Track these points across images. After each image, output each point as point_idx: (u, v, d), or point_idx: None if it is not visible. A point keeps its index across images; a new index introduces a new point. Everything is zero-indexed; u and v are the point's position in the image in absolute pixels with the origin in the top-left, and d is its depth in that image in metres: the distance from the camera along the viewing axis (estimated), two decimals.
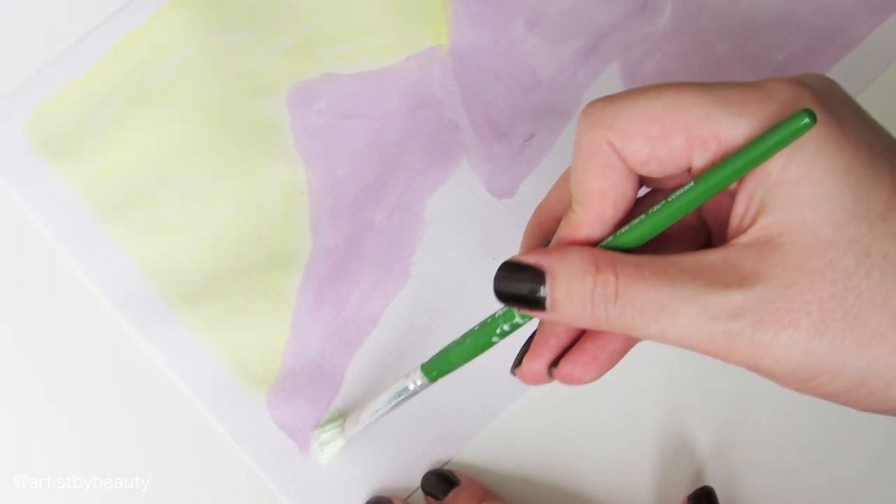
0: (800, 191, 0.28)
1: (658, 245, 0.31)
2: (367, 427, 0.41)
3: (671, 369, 0.45)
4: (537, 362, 0.33)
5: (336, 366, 0.44)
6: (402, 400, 0.39)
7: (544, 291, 0.31)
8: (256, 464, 0.43)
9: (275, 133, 0.47)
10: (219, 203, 0.46)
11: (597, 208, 0.31)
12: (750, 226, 0.29)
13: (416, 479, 0.43)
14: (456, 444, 0.44)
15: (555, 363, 0.33)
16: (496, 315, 0.34)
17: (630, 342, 0.33)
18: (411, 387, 0.38)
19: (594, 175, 0.30)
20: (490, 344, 0.34)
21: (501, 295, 0.32)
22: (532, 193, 0.47)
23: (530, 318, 0.33)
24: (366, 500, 0.43)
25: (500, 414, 0.44)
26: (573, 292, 0.30)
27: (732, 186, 0.30)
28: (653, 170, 0.30)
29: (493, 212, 0.46)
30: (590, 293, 0.30)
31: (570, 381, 0.33)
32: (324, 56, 0.48)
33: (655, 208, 0.30)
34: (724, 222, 0.31)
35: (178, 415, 0.44)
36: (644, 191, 0.33)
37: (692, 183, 0.29)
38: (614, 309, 0.30)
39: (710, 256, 0.29)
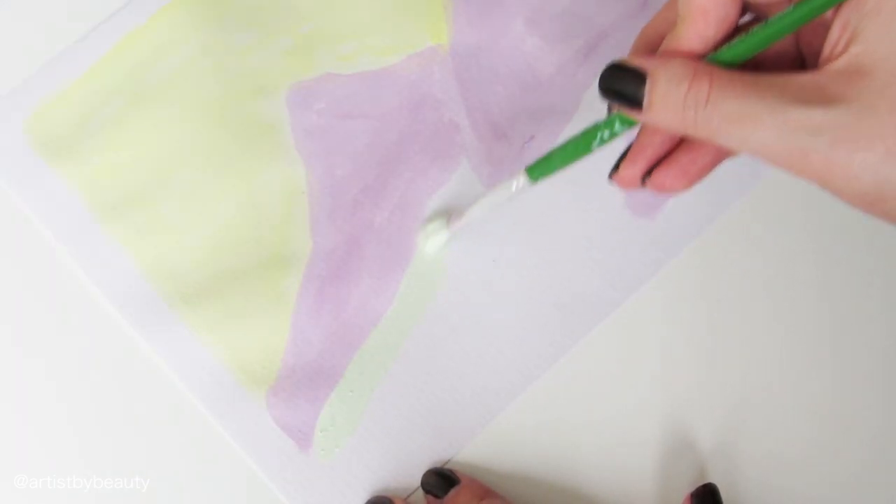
0: (893, 21, 0.29)
1: (755, 68, 0.32)
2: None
3: (672, 367, 0.45)
4: (633, 168, 0.36)
5: (336, 366, 0.44)
6: (504, 199, 0.40)
7: (644, 91, 0.32)
8: (256, 463, 0.43)
9: (275, 133, 0.47)
10: (219, 203, 0.46)
11: (700, 25, 0.32)
12: (842, 53, 0.30)
13: (416, 479, 0.43)
14: (456, 443, 0.44)
15: (648, 174, 0.35)
16: (598, 123, 0.35)
17: (718, 158, 0.35)
18: (514, 187, 0.39)
19: None
20: (589, 149, 0.36)
21: (606, 91, 0.33)
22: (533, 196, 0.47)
23: (629, 127, 0.35)
24: (366, 499, 0.43)
25: (500, 413, 0.45)
26: (669, 94, 0.32)
27: (829, 14, 0.31)
28: None
29: (494, 213, 0.46)
30: (683, 96, 0.31)
31: (661, 189, 0.35)
32: (324, 56, 0.48)
33: (756, 28, 0.31)
34: (819, 51, 0.32)
35: (178, 414, 0.44)
36: (746, 19, 0.34)
37: (792, 6, 0.31)
38: (703, 112, 0.31)
39: (801, 77, 0.30)
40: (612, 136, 0.35)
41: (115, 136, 0.47)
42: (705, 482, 0.43)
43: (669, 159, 0.35)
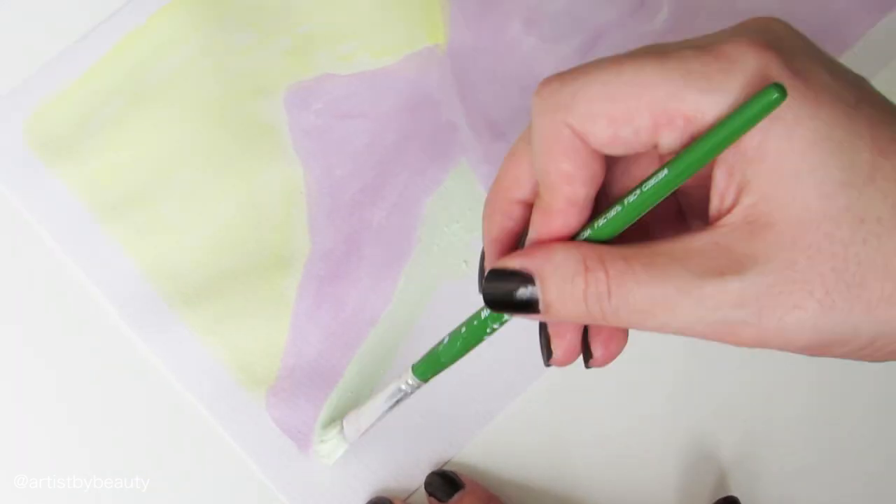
0: (782, 166, 0.27)
1: (638, 228, 0.31)
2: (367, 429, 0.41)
3: (683, 362, 0.45)
4: (565, 346, 0.33)
5: (335, 366, 0.45)
6: (398, 401, 0.39)
7: (536, 295, 0.30)
8: (256, 464, 0.44)
9: (273, 133, 0.47)
10: (218, 203, 0.46)
11: (567, 193, 0.29)
12: (734, 205, 0.28)
13: (417, 479, 0.44)
14: (456, 443, 0.44)
15: (587, 349, 0.33)
16: (483, 315, 0.33)
17: None
18: (404, 387, 0.38)
19: (558, 160, 0.29)
20: (480, 341, 0.34)
21: (493, 304, 0.31)
22: None
23: (500, 324, 0.33)
24: (366, 500, 0.43)
25: (500, 413, 0.45)
26: (565, 294, 0.29)
27: (706, 170, 0.28)
28: (618, 150, 0.29)
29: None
30: (582, 293, 0.29)
31: (606, 360, 0.33)
32: (322, 56, 0.49)
33: (630, 197, 0.29)
34: (701, 200, 0.30)
35: (178, 414, 0.44)
36: None
37: (665, 169, 0.28)
38: (609, 306, 0.29)
39: (699, 241, 0.28)
40: (504, 323, 0.33)
41: (114, 137, 0.47)
42: (727, 495, 0.42)
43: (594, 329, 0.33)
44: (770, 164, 0.27)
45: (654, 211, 0.29)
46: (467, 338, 0.34)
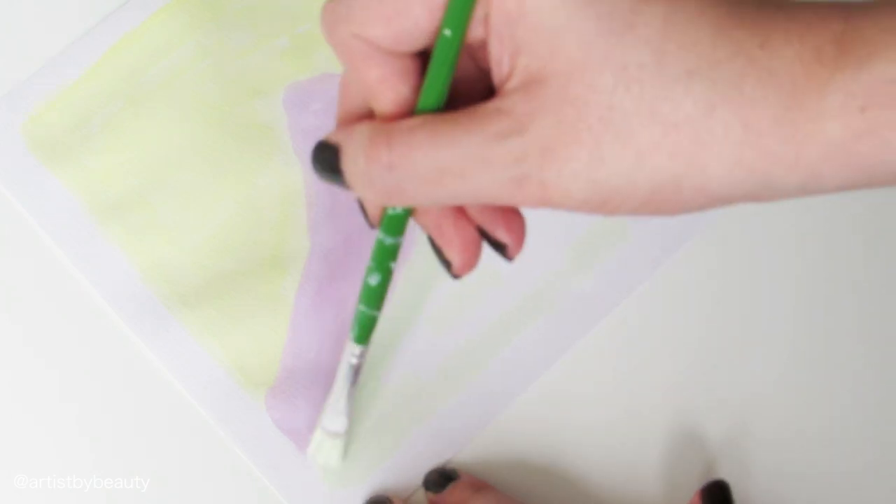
0: (541, 21, 0.27)
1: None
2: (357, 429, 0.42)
3: (678, 362, 0.45)
4: (458, 251, 0.33)
5: (334, 366, 0.44)
6: (356, 375, 0.40)
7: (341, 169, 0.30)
8: (256, 465, 0.43)
9: (272, 134, 0.47)
10: (217, 204, 0.46)
11: (390, 96, 0.30)
12: (511, 71, 0.28)
13: (416, 479, 0.44)
14: (456, 443, 0.44)
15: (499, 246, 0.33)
16: (378, 237, 0.34)
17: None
18: (353, 360, 0.39)
19: (364, 70, 0.30)
20: (389, 270, 0.35)
21: (318, 171, 0.31)
22: None
23: (393, 245, 0.33)
24: (365, 499, 0.43)
25: (500, 414, 0.45)
26: (356, 168, 0.29)
27: (483, 33, 0.29)
28: (413, 44, 0.29)
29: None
30: (364, 169, 0.29)
31: (517, 250, 0.33)
32: (321, 56, 0.48)
33: (430, 67, 0.29)
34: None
35: (178, 415, 0.44)
36: None
37: (445, 28, 0.29)
38: (392, 181, 0.29)
39: (484, 108, 0.28)
40: (392, 247, 0.33)
41: (113, 138, 0.47)
42: (715, 478, 0.43)
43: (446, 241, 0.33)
44: (530, 21, 0.27)
45: (470, 94, 0.30)
46: (375, 269, 0.35)
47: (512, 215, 0.33)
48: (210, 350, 0.45)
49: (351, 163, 0.30)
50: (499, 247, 0.33)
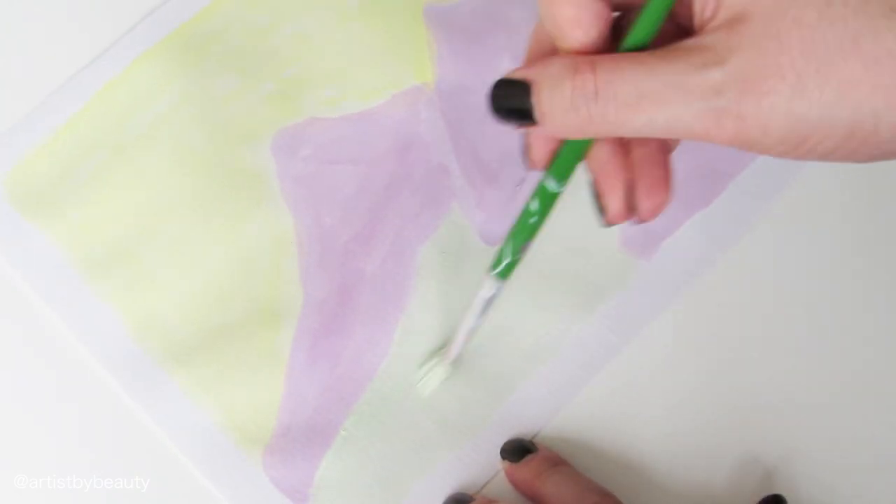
0: None
1: None
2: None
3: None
4: (615, 198, 0.34)
5: (332, 421, 0.43)
6: (486, 309, 0.40)
7: (532, 102, 0.31)
8: None
9: (261, 181, 0.46)
10: (206, 254, 0.45)
11: (579, 36, 0.31)
12: (717, 9, 0.29)
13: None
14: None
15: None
16: (526, 203, 0.35)
17: (664, 145, 0.34)
18: (489, 294, 0.39)
19: (560, 7, 0.31)
20: (532, 227, 0.35)
21: (497, 111, 0.32)
22: None
23: (556, 192, 0.34)
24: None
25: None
26: (555, 98, 0.30)
27: None
28: None
29: (487, 261, 0.45)
30: (570, 97, 0.30)
31: (653, 213, 0.34)
32: (308, 100, 0.47)
33: (634, 22, 0.31)
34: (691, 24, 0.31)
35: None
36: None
37: None
38: (596, 107, 0.30)
39: (686, 44, 0.29)
40: (546, 203, 0.34)
41: (98, 189, 0.46)
42: (773, 493, 0.42)
43: (635, 182, 0.34)
44: None
45: (656, 43, 0.31)
46: (519, 229, 0.35)
47: (664, 185, 0.33)
48: (204, 409, 0.43)
49: (547, 94, 0.30)
50: (628, 209, 0.34)
